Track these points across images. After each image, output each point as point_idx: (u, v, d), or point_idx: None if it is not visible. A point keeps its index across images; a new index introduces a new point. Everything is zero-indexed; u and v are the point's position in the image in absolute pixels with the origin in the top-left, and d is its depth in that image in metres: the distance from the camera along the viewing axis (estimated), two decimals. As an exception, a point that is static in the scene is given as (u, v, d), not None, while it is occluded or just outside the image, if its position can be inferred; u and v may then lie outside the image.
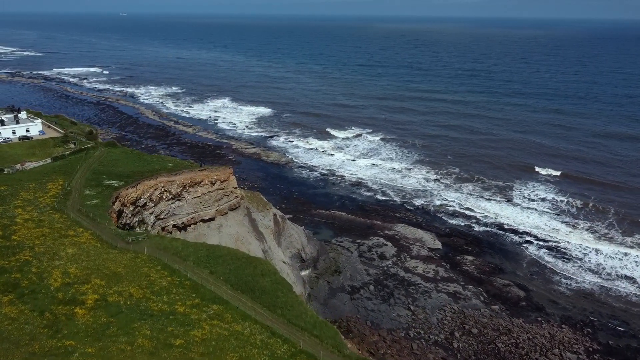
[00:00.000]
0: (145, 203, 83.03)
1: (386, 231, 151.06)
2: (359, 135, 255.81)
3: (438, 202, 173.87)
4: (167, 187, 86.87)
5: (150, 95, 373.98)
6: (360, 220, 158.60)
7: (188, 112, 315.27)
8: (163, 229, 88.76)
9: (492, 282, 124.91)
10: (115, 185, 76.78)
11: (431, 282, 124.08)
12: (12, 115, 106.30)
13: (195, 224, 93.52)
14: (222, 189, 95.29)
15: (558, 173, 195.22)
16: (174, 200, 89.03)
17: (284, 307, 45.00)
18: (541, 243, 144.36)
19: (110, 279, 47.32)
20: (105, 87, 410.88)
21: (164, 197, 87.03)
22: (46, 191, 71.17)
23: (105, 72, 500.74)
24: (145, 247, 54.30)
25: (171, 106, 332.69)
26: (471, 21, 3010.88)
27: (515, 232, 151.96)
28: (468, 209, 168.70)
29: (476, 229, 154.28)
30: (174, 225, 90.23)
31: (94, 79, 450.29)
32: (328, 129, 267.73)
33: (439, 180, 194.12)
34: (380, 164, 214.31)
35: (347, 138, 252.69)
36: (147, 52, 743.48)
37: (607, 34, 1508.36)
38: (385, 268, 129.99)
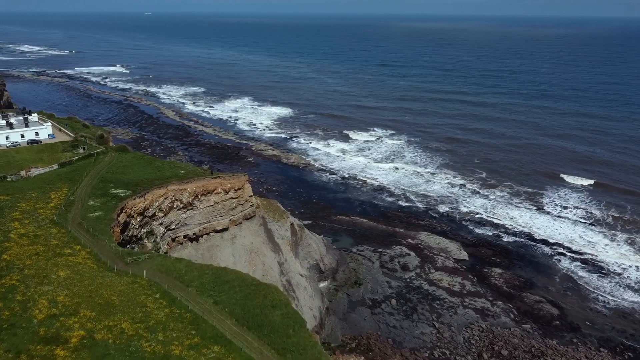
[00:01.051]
0: (155, 213, 78.21)
1: (409, 240, 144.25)
2: (381, 138, 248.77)
3: (464, 209, 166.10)
4: (178, 196, 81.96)
5: (171, 94, 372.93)
6: (382, 228, 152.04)
7: (208, 112, 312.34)
8: (174, 239, 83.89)
9: (522, 298, 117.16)
10: (122, 195, 72.11)
11: (457, 296, 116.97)
12: (22, 118, 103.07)
13: (207, 234, 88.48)
14: (237, 198, 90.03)
15: (591, 181, 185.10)
16: (185, 210, 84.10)
17: (295, 350, 39.12)
18: (575, 256, 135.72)
19: (102, 310, 42.16)
20: (128, 86, 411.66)
21: (175, 206, 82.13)
22: (48, 201, 66.91)
23: (127, 71, 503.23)
24: (145, 269, 49.05)
25: (192, 106, 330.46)
26: (494, 19, 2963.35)
27: (546, 243, 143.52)
28: (496, 217, 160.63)
29: (505, 238, 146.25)
30: (185, 236, 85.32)
31: (117, 78, 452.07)
32: (349, 131, 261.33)
33: (464, 185, 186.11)
34: (403, 168, 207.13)
35: (369, 140, 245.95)
36: (170, 51, 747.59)
37: (638, 32, 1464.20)
38: (408, 280, 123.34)
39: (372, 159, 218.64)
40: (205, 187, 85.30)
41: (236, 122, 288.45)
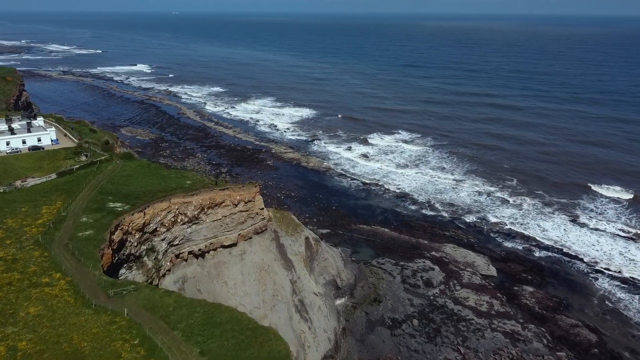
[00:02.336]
0: (156, 228, 72.28)
1: (433, 252, 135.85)
2: (405, 142, 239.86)
3: (492, 220, 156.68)
4: (183, 209, 75.90)
5: (193, 94, 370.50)
6: (404, 239, 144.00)
7: (229, 113, 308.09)
8: (177, 256, 77.85)
9: (556, 321, 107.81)
10: (120, 209, 66.29)
11: (484, 317, 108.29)
12: (25, 122, 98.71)
13: (214, 250, 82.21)
14: (247, 211, 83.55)
15: (630, 192, 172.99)
16: (190, 224, 77.99)
17: None
18: (614, 274, 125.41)
19: (68, 361, 36.16)
20: (151, 85, 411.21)
21: (179, 220, 76.10)
22: (37, 217, 61.58)
23: (151, 71, 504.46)
24: (128, 305, 42.73)
25: (213, 106, 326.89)
26: (522, 18, 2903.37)
27: (581, 259, 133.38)
28: (526, 228, 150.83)
29: (536, 253, 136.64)
30: (190, 252, 79.21)
31: (141, 78, 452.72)
32: (372, 134, 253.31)
33: (493, 193, 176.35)
34: (428, 174, 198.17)
35: (392, 144, 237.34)
36: (193, 50, 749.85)
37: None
38: (432, 298, 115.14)
39: (395, 164, 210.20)
40: (213, 200, 79.05)
41: (257, 123, 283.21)
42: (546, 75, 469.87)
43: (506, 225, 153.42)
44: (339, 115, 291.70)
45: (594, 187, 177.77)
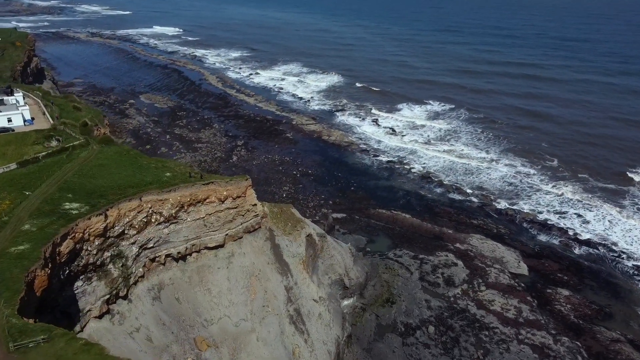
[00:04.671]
0: (124, 231, 62.21)
1: (458, 244, 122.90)
2: (436, 115, 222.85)
3: (527, 207, 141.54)
4: (157, 208, 65.46)
5: (218, 59, 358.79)
6: (426, 227, 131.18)
7: (253, 80, 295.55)
8: (153, 260, 68.08)
9: (594, 334, 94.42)
10: (75, 212, 56.30)
11: (511, 326, 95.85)
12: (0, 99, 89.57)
13: (198, 251, 72.03)
14: (235, 208, 72.59)
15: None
16: (167, 224, 67.72)
17: None
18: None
19: None
20: (177, 48, 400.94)
21: (153, 220, 65.87)
22: (-30, 224, 52.72)
23: (179, 33, 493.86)
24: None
25: (237, 72, 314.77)
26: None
27: (629, 257, 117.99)
28: (565, 219, 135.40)
29: (575, 249, 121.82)
30: (168, 255, 69.21)
31: (167, 41, 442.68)
32: (401, 105, 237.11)
33: (528, 176, 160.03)
34: (458, 151, 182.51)
35: (422, 118, 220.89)
36: (224, 12, 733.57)
37: None
38: (452, 299, 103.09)
39: (423, 140, 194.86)
40: (194, 196, 68.27)
41: (280, 91, 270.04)
42: (594, 43, 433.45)
43: (542, 214, 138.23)
44: (367, 85, 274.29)
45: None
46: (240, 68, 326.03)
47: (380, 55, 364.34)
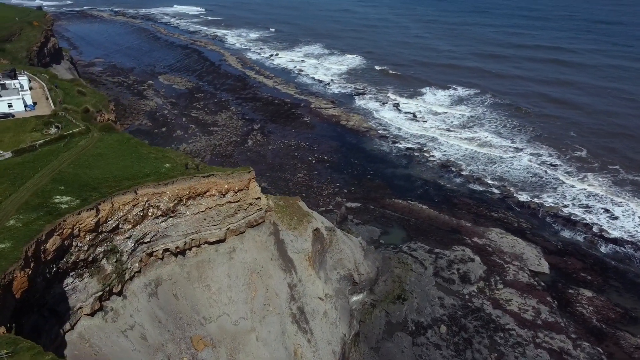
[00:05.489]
0: (118, 225, 59.57)
1: (475, 238, 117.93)
2: (459, 101, 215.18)
3: (551, 200, 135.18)
4: (154, 201, 62.60)
5: (239, 39, 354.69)
6: (443, 219, 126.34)
7: (273, 61, 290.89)
8: (150, 254, 65.53)
9: (618, 340, 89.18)
10: (64, 207, 53.80)
11: (528, 328, 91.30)
12: (2, 83, 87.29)
13: (198, 246, 69.22)
14: (237, 201, 69.34)
15: None
16: (165, 218, 64.94)
17: None
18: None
19: None
20: (198, 28, 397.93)
21: (150, 214, 63.08)
22: (-46, 219, 50.68)
23: (201, 12, 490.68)
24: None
25: (257, 53, 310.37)
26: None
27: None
28: (592, 213, 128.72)
29: (601, 247, 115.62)
30: (166, 250, 66.57)
31: (189, 20, 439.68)
32: (423, 89, 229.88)
33: (555, 167, 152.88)
34: (481, 139, 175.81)
35: (445, 102, 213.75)
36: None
37: None
38: (467, 297, 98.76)
39: (445, 126, 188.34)
40: (193, 189, 65.19)
41: (300, 73, 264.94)
42: (628, 26, 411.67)
43: (567, 207, 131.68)
44: (389, 68, 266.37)
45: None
46: (260, 49, 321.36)
47: (404, 38, 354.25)
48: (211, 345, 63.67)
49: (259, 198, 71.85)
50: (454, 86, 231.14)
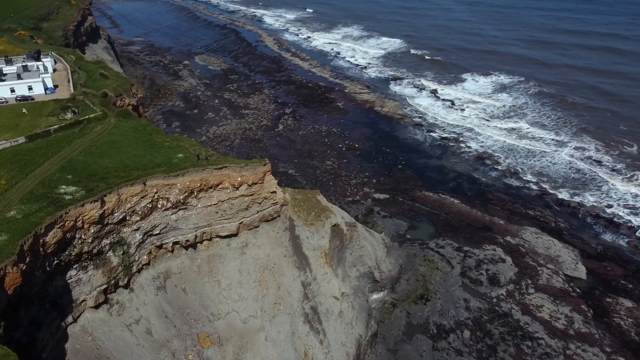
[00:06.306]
0: (125, 217, 57.93)
1: (508, 237, 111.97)
2: (501, 88, 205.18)
3: (593, 199, 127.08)
4: (164, 193, 60.58)
5: (278, 19, 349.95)
6: (475, 215, 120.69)
7: (310, 42, 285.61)
8: (160, 247, 63.85)
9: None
10: (68, 198, 52.35)
11: (559, 338, 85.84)
12: (21, 65, 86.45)
13: (209, 239, 67.14)
14: (251, 195, 66.62)
15: None
16: (175, 210, 62.97)
17: None
18: None
19: None
20: (237, 8, 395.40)
21: (159, 206, 61.15)
22: (-46, 208, 49.83)
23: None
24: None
25: (295, 34, 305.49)
26: None
27: None
28: (638, 215, 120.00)
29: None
30: (176, 243, 64.76)
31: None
32: (464, 75, 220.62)
33: (601, 163, 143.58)
34: (522, 130, 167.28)
35: (485, 91, 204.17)
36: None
37: None
38: (495, 301, 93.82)
39: (484, 115, 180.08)
40: (205, 182, 62.81)
41: (337, 55, 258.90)
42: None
43: (611, 208, 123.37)
44: (429, 53, 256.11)
45: None
46: (299, 30, 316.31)
47: (446, 21, 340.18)
48: (217, 344, 61.86)
49: (274, 192, 68.95)
50: (496, 74, 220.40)
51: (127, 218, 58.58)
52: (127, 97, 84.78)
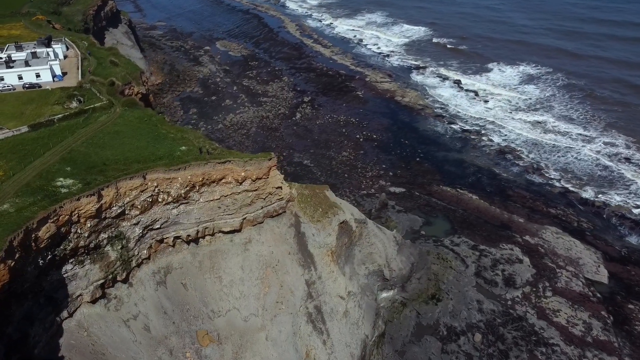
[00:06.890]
0: (124, 211, 56.65)
1: (527, 237, 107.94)
2: (528, 79, 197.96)
3: (619, 198, 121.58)
4: (164, 187, 59.07)
5: (302, 4, 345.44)
6: (493, 212, 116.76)
7: (332, 29, 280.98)
8: (161, 241, 62.58)
9: (681, 370, 78.41)
10: (64, 192, 51.17)
11: (575, 345, 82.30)
12: (34, 52, 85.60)
13: (212, 234, 65.59)
14: (255, 190, 64.67)
15: None
16: (176, 205, 61.47)
17: None
18: None
19: None
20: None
21: (160, 200, 59.72)
22: (-50, 199, 49.13)
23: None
24: None
25: (317, 20, 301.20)
26: None
27: None
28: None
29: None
30: (177, 238, 63.38)
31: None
32: (490, 64, 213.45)
33: (630, 160, 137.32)
34: (548, 124, 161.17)
35: (510, 82, 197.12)
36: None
37: None
38: (510, 303, 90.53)
39: (509, 107, 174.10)
40: (207, 176, 61.08)
41: (359, 42, 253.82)
42: None
43: (638, 208, 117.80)
44: (454, 41, 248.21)
45: None
46: (321, 15, 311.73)
47: (472, 9, 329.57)
48: (217, 342, 60.58)
49: (280, 187, 66.82)
50: (523, 64, 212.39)
51: (126, 212, 57.38)
52: (136, 85, 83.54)
